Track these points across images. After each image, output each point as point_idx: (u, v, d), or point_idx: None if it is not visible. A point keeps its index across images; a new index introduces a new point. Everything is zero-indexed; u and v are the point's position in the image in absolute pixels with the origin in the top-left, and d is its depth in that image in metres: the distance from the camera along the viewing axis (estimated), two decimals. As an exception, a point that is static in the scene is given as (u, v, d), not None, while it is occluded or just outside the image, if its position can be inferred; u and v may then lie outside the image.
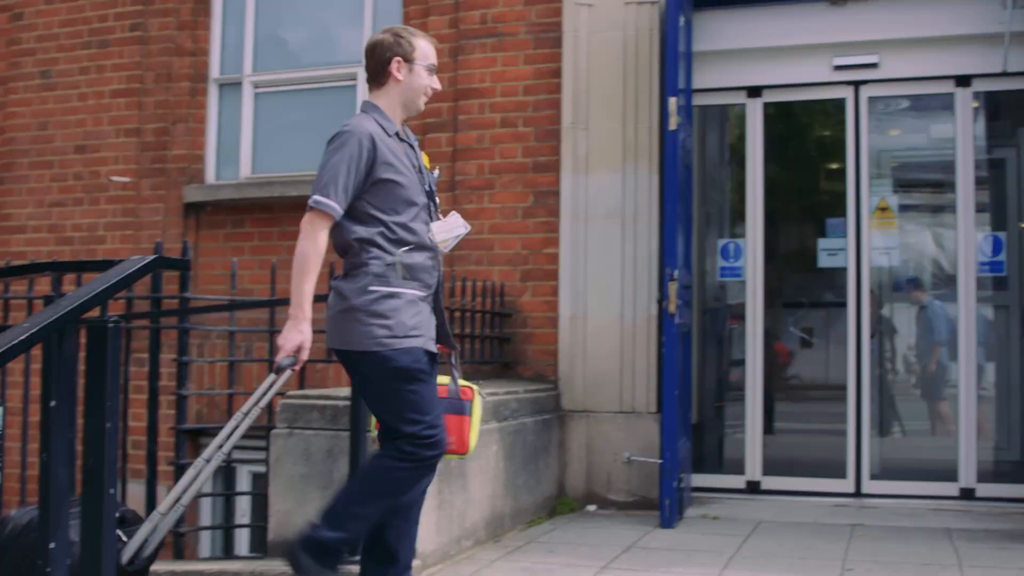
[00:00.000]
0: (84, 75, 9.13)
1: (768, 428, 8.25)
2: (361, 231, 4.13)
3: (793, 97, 8.17)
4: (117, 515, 4.47)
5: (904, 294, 9.31)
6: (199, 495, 6.33)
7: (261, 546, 6.04)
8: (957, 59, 7.41)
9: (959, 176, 7.44)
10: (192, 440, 8.18)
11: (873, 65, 7.55)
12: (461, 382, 4.41)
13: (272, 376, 4.13)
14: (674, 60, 6.93)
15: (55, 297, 5.46)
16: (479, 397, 4.47)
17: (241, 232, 8.59)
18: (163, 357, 6.20)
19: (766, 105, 7.86)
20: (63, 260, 7.74)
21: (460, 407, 4.39)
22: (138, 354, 6.78)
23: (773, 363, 8.94)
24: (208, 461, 4.21)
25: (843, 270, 7.71)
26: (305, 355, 4.05)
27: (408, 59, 4.33)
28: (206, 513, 8.27)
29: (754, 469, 7.69)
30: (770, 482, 7.66)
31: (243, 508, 7.95)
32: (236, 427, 4.37)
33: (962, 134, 7.44)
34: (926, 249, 9.39)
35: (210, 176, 8.92)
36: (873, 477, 7.52)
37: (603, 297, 7.47)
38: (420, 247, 4.23)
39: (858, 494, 7.47)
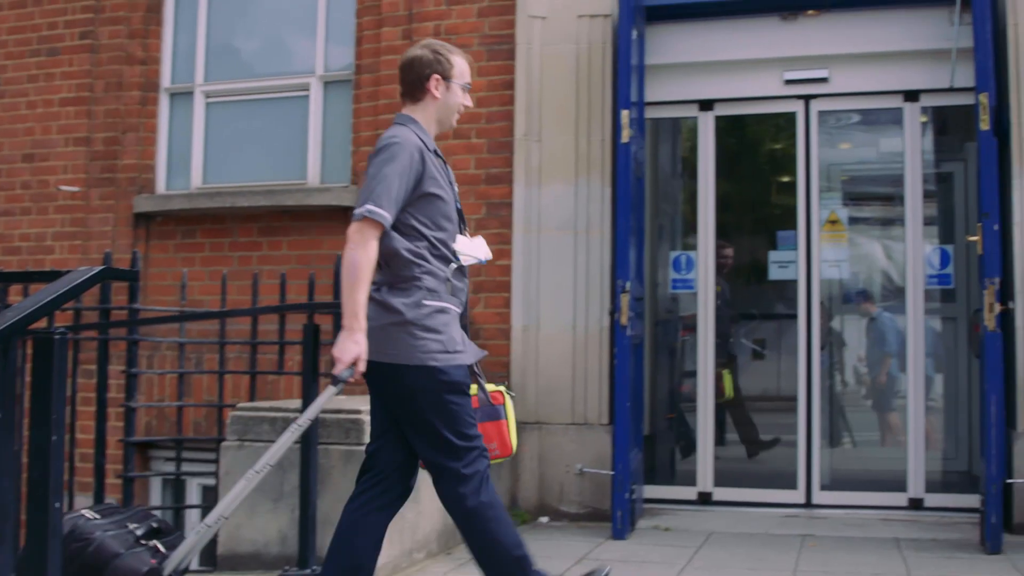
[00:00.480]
0: (33, 83, 9.02)
1: (720, 439, 8.29)
2: (407, 244, 4.12)
3: (744, 111, 8.23)
4: (155, 525, 4.43)
5: (854, 306, 9.39)
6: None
7: (211, 559, 5.99)
8: (906, 74, 7.49)
9: (908, 190, 7.51)
10: (141, 452, 8.12)
11: (823, 80, 7.62)
12: (489, 387, 4.44)
13: (330, 388, 4.04)
14: (626, 73, 6.96)
15: (0, 308, 5.40)
16: (509, 398, 4.49)
17: (192, 243, 8.52)
18: (112, 369, 6.15)
19: (718, 118, 7.90)
20: (9, 270, 7.65)
21: (495, 412, 4.42)
22: (86, 365, 6.71)
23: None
24: (259, 472, 4.16)
25: (793, 282, 7.76)
26: (362, 366, 3.98)
27: (446, 77, 4.36)
28: (155, 526, 8.19)
29: (705, 480, 7.72)
30: (721, 493, 7.69)
31: (193, 521, 7.88)
32: (288, 437, 4.30)
33: (910, 148, 7.52)
34: (876, 262, 9.47)
35: (160, 186, 8.84)
36: (823, 488, 7.56)
37: (555, 309, 7.47)
38: (459, 265, 4.27)
39: (808, 505, 7.51)
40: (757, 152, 9.65)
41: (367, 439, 5.31)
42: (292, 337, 6.05)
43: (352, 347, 3.93)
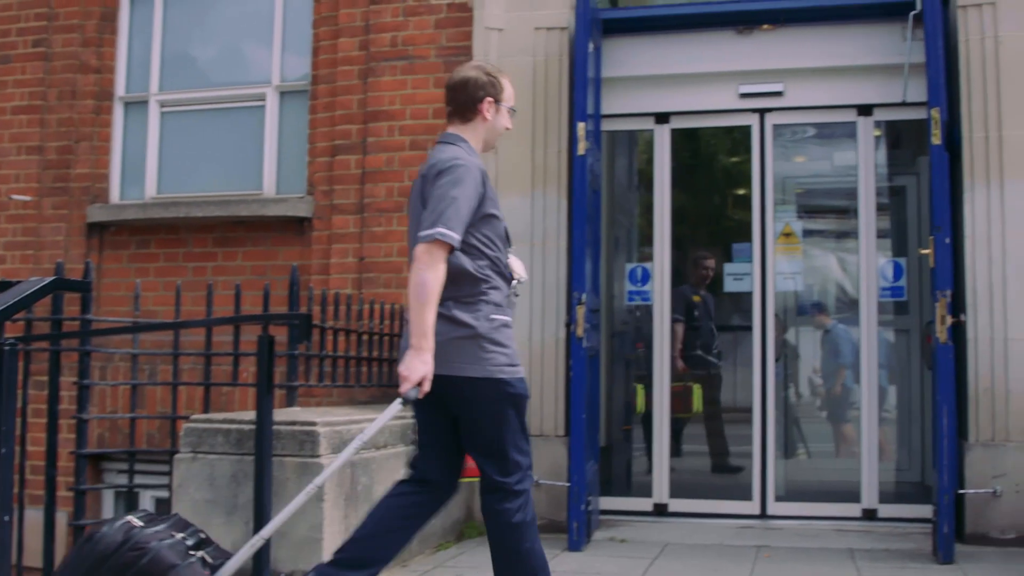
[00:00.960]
0: (-16, 91, 8.94)
1: (675, 451, 8.31)
2: (472, 263, 4.21)
3: (700, 124, 8.29)
4: (203, 536, 4.38)
5: (809, 318, 9.45)
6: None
7: (163, 573, 5.92)
8: (859, 89, 7.56)
9: (861, 203, 7.57)
10: (93, 465, 8.04)
11: (778, 93, 7.67)
12: None
13: (396, 404, 4.07)
14: (583, 86, 6.98)
15: (-49, 319, 5.32)
16: None
17: (146, 253, 8.46)
18: (64, 380, 6.07)
19: (674, 131, 7.93)
20: (-40, 280, 7.54)
21: None
22: (38, 377, 6.62)
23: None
24: (318, 486, 4.15)
25: (749, 294, 7.80)
26: (427, 386, 4.03)
27: (497, 100, 4.48)
28: (107, 539, 8.09)
29: (661, 491, 7.74)
30: (677, 504, 7.71)
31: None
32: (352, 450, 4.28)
33: (864, 162, 7.58)
34: (830, 274, 9.55)
35: (114, 196, 8.77)
36: (778, 499, 7.61)
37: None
38: (516, 281, 4.43)
39: (764, 516, 7.55)
40: (713, 165, 9.71)
41: (322, 451, 5.34)
42: (247, 348, 6.00)
43: (420, 367, 3.99)
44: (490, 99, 4.44)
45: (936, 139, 6.33)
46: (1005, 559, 6.22)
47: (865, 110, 7.60)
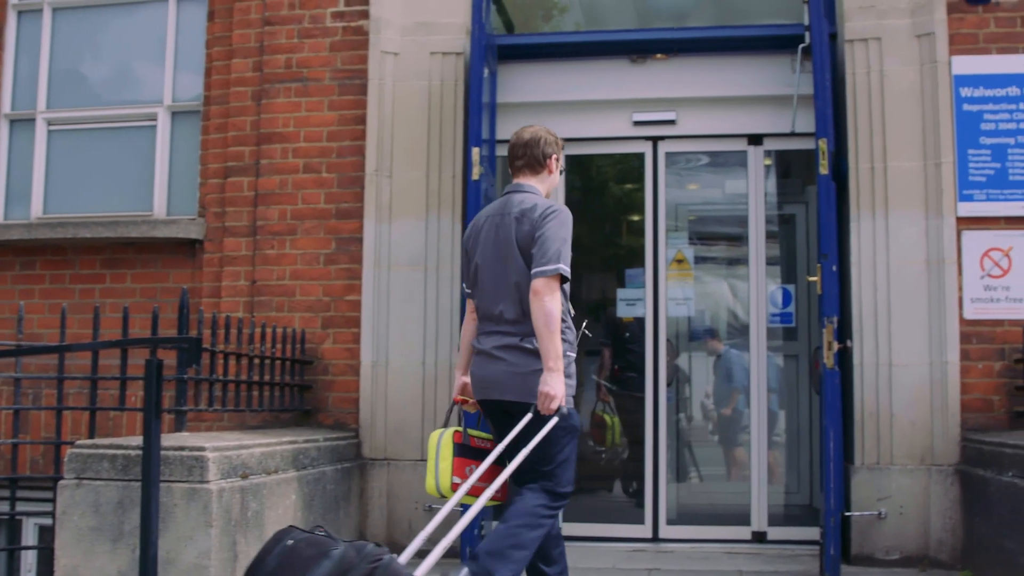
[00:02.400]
0: None
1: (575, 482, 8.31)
2: None
3: (594, 150, 8.36)
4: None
5: (701, 343, 9.55)
6: None
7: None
8: (750, 118, 7.70)
9: (751, 230, 7.71)
10: (-27, 492, 7.81)
11: (671, 122, 7.78)
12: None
13: (554, 419, 4.61)
14: (478, 111, 7.01)
15: None
16: None
17: (31, 274, 8.27)
18: (-58, 405, 5.92)
19: (568, 157, 7.98)
20: None
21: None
22: (-85, 401, 6.44)
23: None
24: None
25: (641, 319, 7.88)
26: (564, 400, 4.64)
27: (558, 159, 5.19)
28: (-13, 569, 7.88)
29: (554, 516, 7.75)
30: (570, 528, 7.72)
31: (28, 563, 7.61)
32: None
33: (754, 190, 7.72)
34: (721, 300, 9.66)
35: (-2, 215, 8.58)
36: (670, 522, 7.68)
37: (405, 345, 7.44)
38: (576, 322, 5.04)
39: (655, 539, 7.61)
40: (606, 191, 9.79)
41: (211, 477, 5.25)
42: (135, 372, 5.90)
43: (562, 387, 4.59)
44: (556, 156, 5.13)
45: (823, 169, 6.47)
46: (889, 580, 6.36)
47: (755, 139, 7.74)
